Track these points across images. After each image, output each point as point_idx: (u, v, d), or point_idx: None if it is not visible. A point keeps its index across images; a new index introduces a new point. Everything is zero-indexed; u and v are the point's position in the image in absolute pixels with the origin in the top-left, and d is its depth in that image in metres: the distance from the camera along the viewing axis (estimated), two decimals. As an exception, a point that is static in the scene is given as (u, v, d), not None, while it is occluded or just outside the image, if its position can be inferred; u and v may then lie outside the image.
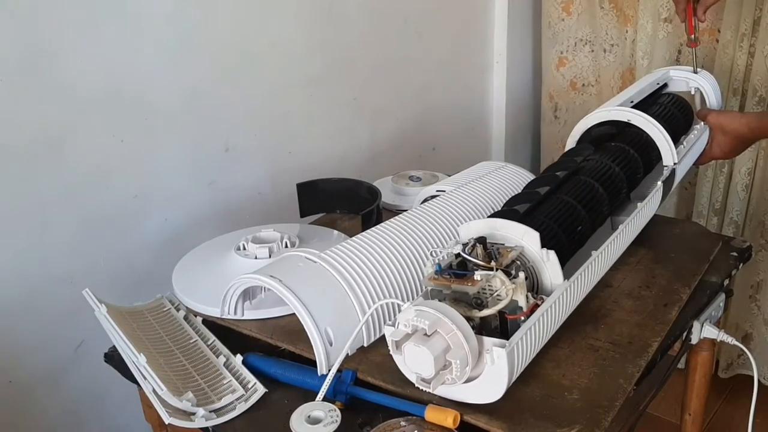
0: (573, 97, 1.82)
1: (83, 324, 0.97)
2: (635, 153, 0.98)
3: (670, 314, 0.85)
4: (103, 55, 1.01)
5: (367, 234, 0.87)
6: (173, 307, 0.91)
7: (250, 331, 0.86)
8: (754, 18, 1.42)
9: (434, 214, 0.94)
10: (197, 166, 1.18)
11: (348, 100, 1.45)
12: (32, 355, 1.02)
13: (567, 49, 1.78)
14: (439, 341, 0.63)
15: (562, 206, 0.83)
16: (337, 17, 1.36)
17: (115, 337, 0.81)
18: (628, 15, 1.65)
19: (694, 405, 1.14)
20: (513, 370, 0.66)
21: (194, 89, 1.14)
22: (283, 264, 0.81)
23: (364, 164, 1.49)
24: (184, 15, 1.10)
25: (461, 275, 0.69)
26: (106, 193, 1.06)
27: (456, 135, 1.76)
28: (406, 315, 0.65)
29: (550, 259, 0.73)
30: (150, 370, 0.75)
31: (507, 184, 1.05)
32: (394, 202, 1.21)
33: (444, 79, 1.69)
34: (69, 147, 1.00)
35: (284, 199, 1.27)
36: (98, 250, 1.07)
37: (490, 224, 0.76)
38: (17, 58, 0.92)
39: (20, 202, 0.96)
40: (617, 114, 1.02)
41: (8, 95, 0.92)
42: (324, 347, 0.74)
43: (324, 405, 0.70)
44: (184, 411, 0.71)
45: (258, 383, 0.76)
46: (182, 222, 1.17)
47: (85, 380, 1.08)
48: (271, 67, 1.26)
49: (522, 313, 0.69)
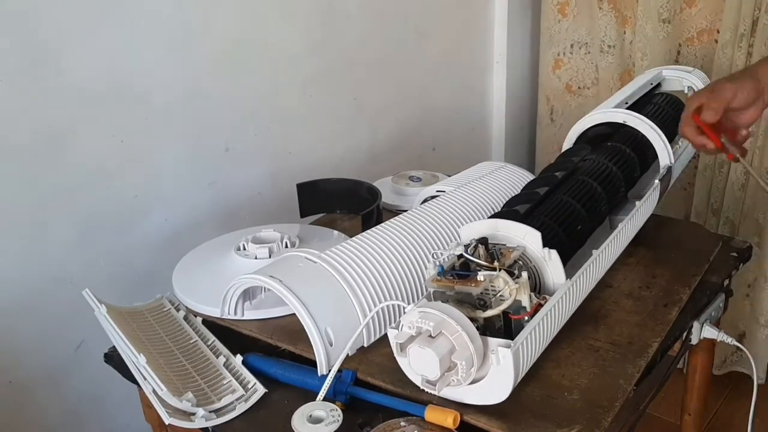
0: (569, 99, 1.82)
1: (83, 324, 0.97)
2: (632, 152, 0.99)
3: (670, 314, 0.85)
4: (103, 54, 1.01)
5: (367, 234, 0.87)
6: (173, 307, 0.91)
7: (250, 331, 0.86)
8: (753, 18, 1.42)
9: (434, 215, 0.94)
10: (197, 166, 1.18)
11: (348, 100, 1.45)
12: (32, 355, 1.02)
13: (563, 52, 1.78)
14: (444, 342, 0.63)
15: (562, 206, 0.83)
16: (337, 17, 1.36)
17: (115, 337, 0.81)
18: (626, 16, 1.65)
19: (694, 405, 1.15)
20: (518, 370, 0.66)
21: (194, 89, 1.14)
22: (283, 264, 0.81)
23: (364, 164, 1.49)
24: (184, 15, 1.10)
25: (464, 276, 0.69)
26: (106, 193, 1.06)
27: (456, 135, 1.76)
28: (410, 317, 0.65)
29: (552, 259, 0.73)
30: (150, 370, 0.75)
31: (507, 185, 1.05)
32: (394, 202, 1.21)
33: (444, 79, 1.69)
34: (69, 147, 1.00)
35: (284, 199, 1.27)
36: (98, 250, 1.06)
37: (492, 225, 0.76)
38: (17, 57, 0.92)
39: (20, 202, 0.96)
40: (613, 116, 1.03)
41: (8, 95, 0.92)
42: (324, 347, 0.74)
43: (325, 405, 0.70)
44: (184, 411, 0.71)
45: (258, 383, 0.76)
46: (182, 222, 1.17)
47: (85, 380, 1.08)
48: (271, 67, 1.26)
49: (526, 312, 0.69)
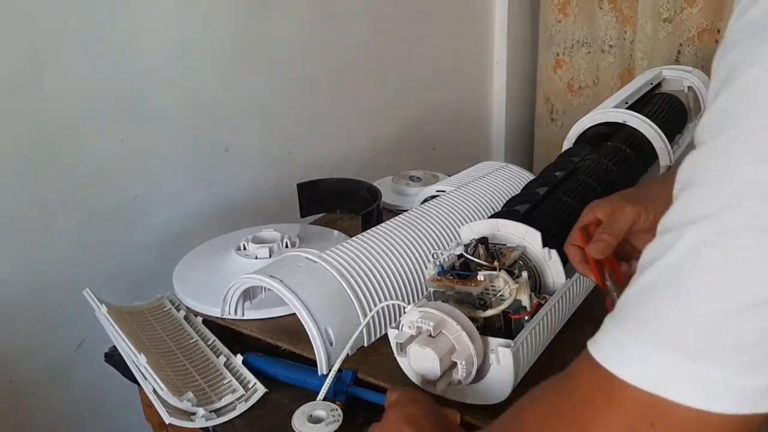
0: (570, 99, 1.82)
1: (83, 324, 0.97)
2: (632, 152, 0.99)
3: (671, 314, 0.85)
4: (104, 55, 1.01)
5: (368, 234, 0.87)
6: (173, 307, 0.91)
7: (250, 331, 0.86)
8: (753, 18, 1.42)
9: (434, 215, 0.94)
10: (197, 166, 1.18)
11: (348, 100, 1.44)
12: (32, 355, 1.02)
13: (564, 51, 1.78)
14: (445, 342, 0.63)
15: (562, 206, 0.83)
16: (337, 17, 1.36)
17: (116, 337, 0.81)
18: (627, 15, 1.65)
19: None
20: (519, 369, 0.65)
21: (194, 89, 1.14)
22: (284, 264, 0.81)
23: (364, 164, 1.49)
24: (184, 15, 1.10)
25: (464, 276, 0.69)
26: (106, 193, 1.06)
27: (456, 135, 1.76)
28: (410, 317, 0.65)
29: (552, 258, 0.73)
30: (150, 370, 0.75)
31: (507, 185, 1.05)
32: (394, 202, 1.21)
33: (444, 79, 1.69)
34: (69, 147, 1.00)
35: (284, 199, 1.27)
36: (98, 249, 1.06)
37: (492, 224, 0.76)
38: (17, 58, 0.92)
39: (20, 202, 0.96)
40: (613, 115, 1.03)
41: (8, 95, 0.92)
42: (324, 347, 0.74)
43: (326, 404, 0.70)
44: (184, 411, 0.71)
45: (258, 383, 0.76)
46: (182, 222, 1.17)
47: (85, 380, 1.08)
48: (271, 67, 1.26)
49: (526, 312, 0.69)
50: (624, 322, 0.34)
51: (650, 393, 0.32)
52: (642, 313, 0.33)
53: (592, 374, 0.35)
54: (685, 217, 0.32)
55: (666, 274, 0.33)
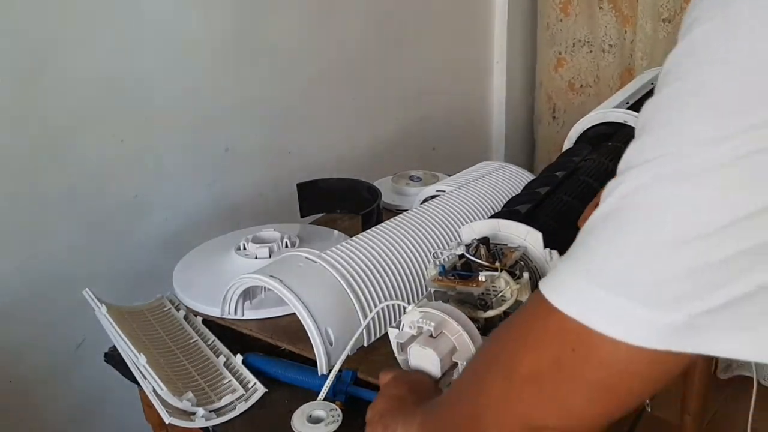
0: (571, 97, 1.82)
1: (83, 324, 0.97)
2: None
3: (671, 314, 0.85)
4: (104, 54, 1.01)
5: (368, 234, 0.87)
6: (173, 306, 0.91)
7: (250, 331, 0.86)
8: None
9: (434, 214, 0.93)
10: (197, 166, 1.18)
11: (348, 99, 1.44)
12: (32, 355, 1.01)
13: (565, 50, 1.78)
14: (445, 342, 0.63)
15: (563, 206, 0.83)
16: (337, 17, 1.36)
17: (115, 336, 0.81)
18: (627, 15, 1.65)
19: (694, 405, 1.14)
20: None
21: (194, 89, 1.14)
22: (284, 264, 0.81)
23: (364, 164, 1.49)
24: (184, 15, 1.10)
25: (466, 276, 0.69)
26: (106, 193, 1.06)
27: (456, 135, 1.76)
28: (411, 317, 0.65)
29: (553, 259, 0.73)
30: (150, 369, 0.75)
31: (507, 185, 1.05)
32: (394, 202, 1.21)
33: (444, 79, 1.69)
34: (69, 147, 0.99)
35: (284, 199, 1.27)
36: (98, 249, 1.06)
37: (493, 225, 0.76)
38: (17, 58, 0.91)
39: (20, 201, 0.96)
40: (614, 115, 1.03)
41: (8, 95, 0.91)
42: (324, 347, 0.74)
43: (325, 404, 0.70)
44: (184, 411, 0.71)
45: (258, 383, 0.76)
46: (182, 222, 1.17)
47: (85, 380, 1.08)
48: (271, 66, 1.26)
49: (525, 313, 0.68)
50: (566, 259, 0.38)
51: (575, 320, 0.35)
52: (579, 250, 0.37)
53: (536, 302, 0.38)
54: (628, 164, 0.34)
55: (604, 215, 0.35)
